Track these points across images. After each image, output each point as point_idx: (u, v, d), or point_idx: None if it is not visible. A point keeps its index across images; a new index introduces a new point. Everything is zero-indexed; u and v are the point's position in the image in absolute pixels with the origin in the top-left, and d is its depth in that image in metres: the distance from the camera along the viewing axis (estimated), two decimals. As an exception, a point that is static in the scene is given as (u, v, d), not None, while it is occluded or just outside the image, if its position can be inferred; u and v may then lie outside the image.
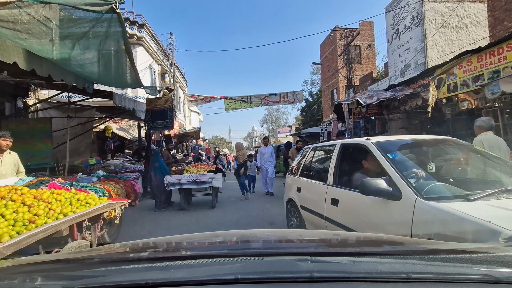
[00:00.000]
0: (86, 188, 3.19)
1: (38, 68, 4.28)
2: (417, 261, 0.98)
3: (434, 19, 11.83)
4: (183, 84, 25.89)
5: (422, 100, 8.79)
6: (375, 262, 0.97)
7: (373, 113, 11.51)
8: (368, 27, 21.69)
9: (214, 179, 6.57)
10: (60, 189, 3.03)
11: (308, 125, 27.29)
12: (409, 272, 0.81)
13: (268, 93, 18.16)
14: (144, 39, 16.65)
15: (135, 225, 5.34)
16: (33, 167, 5.74)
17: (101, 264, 1.06)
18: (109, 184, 3.76)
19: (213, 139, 54.83)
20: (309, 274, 0.82)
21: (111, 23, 3.90)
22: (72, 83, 5.13)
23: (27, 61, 4.00)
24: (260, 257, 0.97)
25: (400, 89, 9.31)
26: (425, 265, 0.92)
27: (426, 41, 11.80)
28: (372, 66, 21.61)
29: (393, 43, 13.88)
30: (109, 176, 4.60)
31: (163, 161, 6.41)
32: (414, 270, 0.84)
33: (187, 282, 0.83)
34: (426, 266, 0.90)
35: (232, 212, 6.39)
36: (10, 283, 0.84)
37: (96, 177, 4.42)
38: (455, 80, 7.80)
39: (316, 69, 34.41)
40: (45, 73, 4.42)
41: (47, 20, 3.45)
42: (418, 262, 0.95)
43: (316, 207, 3.20)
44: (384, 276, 0.83)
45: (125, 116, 9.54)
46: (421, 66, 11.79)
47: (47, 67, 4.45)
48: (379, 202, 2.26)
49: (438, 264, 0.93)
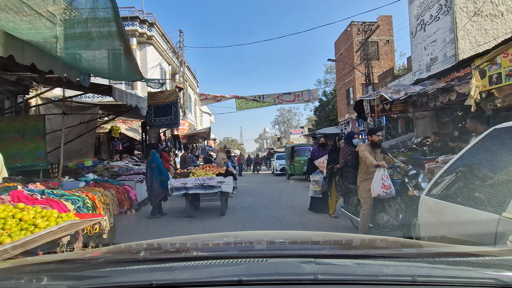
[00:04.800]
0: (61, 197, 2.55)
1: (18, 55, 3.68)
2: (423, 264, 0.97)
3: (465, 7, 10.77)
4: (194, 84, 25.46)
5: (457, 95, 7.83)
6: (380, 264, 0.94)
7: (397, 111, 10.54)
8: (387, 21, 20.59)
9: (224, 183, 5.85)
10: (26, 198, 2.38)
11: (322, 125, 26.36)
12: (415, 275, 0.80)
13: (282, 92, 17.48)
14: (154, 37, 16.25)
15: (134, 236, 4.69)
16: (24, 169, 5.20)
17: (107, 264, 1.06)
18: (95, 191, 3.10)
19: (224, 140, 54.48)
20: (313, 277, 0.82)
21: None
22: (63, 74, 4.52)
23: (3, 45, 3.40)
24: (264, 259, 0.97)
25: (430, 83, 8.35)
26: (431, 268, 0.90)
27: (456, 31, 10.75)
28: (391, 62, 20.47)
29: (417, 35, 12.86)
30: (100, 180, 3.97)
31: (161, 162, 5.75)
32: (420, 273, 0.83)
33: (191, 283, 0.84)
34: (432, 269, 0.89)
35: (244, 222, 5.66)
36: (17, 282, 0.85)
37: (84, 182, 3.79)
38: (498, 70, 6.82)
39: (330, 68, 33.41)
40: (27, 61, 3.82)
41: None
42: (424, 265, 0.95)
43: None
44: (389, 279, 0.82)
45: (130, 115, 8.99)
46: (451, 59, 10.75)
47: (31, 54, 3.84)
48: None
49: (444, 267, 0.92)
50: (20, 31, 3.10)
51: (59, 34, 3.41)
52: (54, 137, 6.40)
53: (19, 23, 3.00)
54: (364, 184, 4.04)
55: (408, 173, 3.82)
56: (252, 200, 8.32)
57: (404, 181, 3.78)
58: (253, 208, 7.07)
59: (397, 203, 3.83)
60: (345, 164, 4.62)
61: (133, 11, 15.70)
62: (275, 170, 18.73)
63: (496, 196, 1.85)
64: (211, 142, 26.18)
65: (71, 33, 3.61)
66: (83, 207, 2.60)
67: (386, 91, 8.78)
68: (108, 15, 3.50)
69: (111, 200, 3.28)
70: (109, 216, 3.12)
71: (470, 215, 1.95)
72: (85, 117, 7.78)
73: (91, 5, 3.17)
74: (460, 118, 10.07)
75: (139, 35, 15.49)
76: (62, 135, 5.24)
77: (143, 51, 15.99)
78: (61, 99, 5.90)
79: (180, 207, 6.88)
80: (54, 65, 4.11)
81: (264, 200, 8.16)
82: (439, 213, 2.19)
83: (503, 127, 2.09)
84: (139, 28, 15.37)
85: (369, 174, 3.99)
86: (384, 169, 3.67)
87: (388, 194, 3.66)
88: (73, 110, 6.85)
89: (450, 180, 2.22)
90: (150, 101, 7.11)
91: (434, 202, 2.26)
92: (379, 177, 3.67)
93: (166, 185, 5.84)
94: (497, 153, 2.10)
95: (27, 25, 3.08)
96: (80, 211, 2.55)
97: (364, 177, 4.08)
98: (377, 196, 3.75)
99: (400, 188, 3.81)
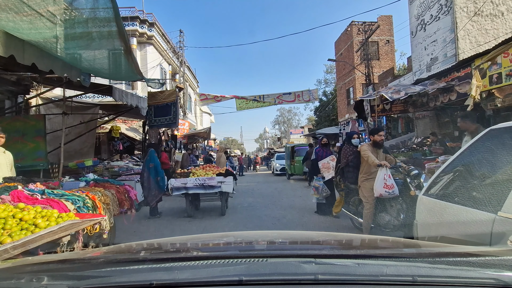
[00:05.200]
0: (62, 197, 2.54)
1: (18, 55, 3.68)
2: (423, 264, 0.97)
3: (465, 7, 10.76)
4: (194, 84, 25.44)
5: (457, 95, 7.82)
6: (380, 264, 0.94)
7: (398, 110, 10.53)
8: (387, 21, 20.57)
9: (224, 183, 5.84)
10: (26, 198, 2.38)
11: (322, 125, 26.35)
12: (415, 275, 0.80)
13: (282, 92, 17.46)
14: (154, 37, 16.24)
15: (134, 236, 4.69)
16: (24, 169, 5.19)
17: (107, 264, 1.06)
18: (95, 191, 3.10)
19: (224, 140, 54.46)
20: (313, 277, 0.82)
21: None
22: (63, 74, 4.51)
23: (3, 45, 3.40)
24: (264, 259, 0.97)
25: (431, 83, 8.34)
26: (431, 268, 0.91)
27: (456, 31, 10.74)
28: (391, 62, 20.44)
29: (417, 35, 12.85)
30: (100, 180, 3.96)
31: (159, 163, 5.73)
32: (420, 273, 0.82)
33: (191, 283, 0.84)
34: (433, 269, 0.89)
35: (244, 222, 5.65)
36: (17, 282, 0.85)
37: (84, 182, 3.78)
38: (499, 70, 6.81)
39: (330, 68, 33.38)
40: (28, 61, 3.81)
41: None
42: (424, 265, 0.94)
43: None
44: (390, 279, 0.82)
45: (130, 115, 8.99)
46: (451, 59, 10.74)
47: (31, 54, 3.84)
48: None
49: (444, 267, 0.92)
50: (21, 31, 3.10)
51: (59, 34, 3.41)
52: (55, 137, 6.39)
53: (20, 23, 3.00)
54: (366, 184, 4.02)
55: (410, 173, 3.81)
56: (253, 200, 8.32)
57: (406, 181, 3.78)
58: (254, 208, 7.06)
59: (399, 203, 3.82)
60: (347, 164, 4.60)
61: (133, 11, 15.70)
62: (275, 170, 18.73)
63: (492, 195, 1.89)
64: (211, 142, 26.17)
65: (71, 33, 3.60)
66: (83, 207, 2.59)
67: (386, 91, 8.76)
68: (108, 15, 3.49)
69: (111, 200, 3.28)
70: (109, 216, 3.12)
71: (466, 214, 1.98)
72: (86, 117, 7.77)
73: (92, 5, 3.17)
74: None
75: (139, 35, 15.48)
76: (62, 135, 5.25)
77: (143, 51, 15.99)
78: (61, 99, 5.90)
79: (180, 207, 6.87)
80: (54, 65, 4.10)
81: (265, 200, 8.15)
82: (437, 213, 2.20)
83: (499, 128, 2.12)
84: (139, 28, 15.37)
85: (370, 173, 3.97)
86: (386, 168, 3.66)
87: (390, 194, 3.65)
88: (73, 110, 6.85)
89: (447, 179, 2.23)
90: (150, 101, 7.10)
91: (431, 202, 2.27)
92: (381, 177, 3.66)
93: (163, 185, 5.79)
94: (493, 153, 2.12)
95: (27, 25, 3.08)
96: (81, 211, 2.55)
97: (365, 177, 4.06)
98: (379, 195, 3.74)
99: (401, 188, 3.80)
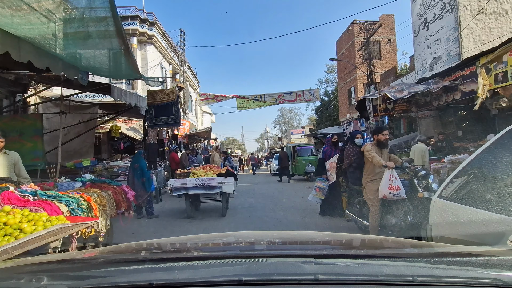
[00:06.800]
0: (55, 198, 2.44)
1: (14, 52, 3.59)
2: (423, 264, 0.96)
3: (469, 5, 10.61)
4: (195, 83, 25.35)
5: (461, 94, 7.69)
6: (380, 264, 0.93)
7: (400, 110, 10.40)
8: (389, 20, 20.43)
9: (224, 184, 5.74)
10: (17, 200, 2.28)
11: (323, 125, 26.21)
12: (415, 275, 0.79)
13: (283, 92, 17.37)
14: (154, 37, 16.15)
15: (133, 238, 4.60)
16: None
17: (106, 264, 1.05)
18: (90, 192, 3.00)
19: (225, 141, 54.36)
20: (313, 277, 0.82)
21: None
22: (61, 72, 4.43)
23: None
24: (264, 259, 0.96)
25: (434, 82, 8.21)
26: (431, 268, 0.90)
27: (460, 29, 10.60)
28: (393, 62, 20.32)
29: (420, 34, 12.71)
30: (97, 181, 3.86)
31: (145, 164, 5.71)
32: (420, 273, 0.82)
33: (191, 283, 0.84)
34: (432, 269, 0.88)
35: (245, 223, 5.55)
36: (17, 282, 0.85)
37: (80, 182, 3.69)
38: (504, 68, 6.68)
39: (331, 67, 33.23)
40: (24, 58, 3.72)
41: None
42: (424, 265, 0.94)
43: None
44: (389, 279, 0.82)
45: (130, 115, 8.89)
46: (455, 58, 10.61)
47: (27, 52, 3.75)
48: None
49: (444, 267, 0.91)
50: (14, 26, 3.01)
51: (56, 31, 3.32)
52: (53, 137, 6.30)
53: (13, 18, 2.90)
54: (370, 185, 3.86)
55: (417, 174, 3.64)
56: (253, 200, 8.21)
57: (413, 182, 3.61)
58: (254, 208, 6.96)
59: (406, 205, 3.66)
60: (350, 165, 4.46)
61: (133, 10, 15.61)
62: (272, 170, 19.02)
63: (510, 198, 1.84)
64: (212, 141, 26.09)
65: (68, 31, 3.52)
66: (77, 208, 2.49)
67: (389, 90, 8.64)
68: (106, 14, 3.40)
69: (108, 201, 3.18)
70: (105, 217, 3.02)
71: (483, 217, 1.93)
72: (85, 116, 7.68)
73: (88, 4, 3.08)
74: (464, 118, 9.93)
75: (139, 34, 15.39)
76: (60, 134, 5.16)
77: (143, 50, 15.90)
78: (59, 98, 5.81)
79: (180, 208, 6.77)
80: (51, 63, 4.01)
81: (265, 201, 8.04)
82: (452, 215, 2.10)
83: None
84: (139, 27, 15.28)
85: (375, 174, 3.82)
86: (392, 169, 3.53)
87: (395, 196, 3.49)
88: (72, 109, 6.76)
89: (462, 182, 2.12)
90: (149, 100, 7.00)
91: (446, 204, 2.16)
92: (386, 178, 3.52)
93: (148, 186, 5.81)
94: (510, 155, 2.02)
95: (20, 20, 2.99)
96: (75, 213, 2.45)
97: (370, 178, 3.89)
98: (383, 197, 3.61)
99: (408, 190, 3.64)
